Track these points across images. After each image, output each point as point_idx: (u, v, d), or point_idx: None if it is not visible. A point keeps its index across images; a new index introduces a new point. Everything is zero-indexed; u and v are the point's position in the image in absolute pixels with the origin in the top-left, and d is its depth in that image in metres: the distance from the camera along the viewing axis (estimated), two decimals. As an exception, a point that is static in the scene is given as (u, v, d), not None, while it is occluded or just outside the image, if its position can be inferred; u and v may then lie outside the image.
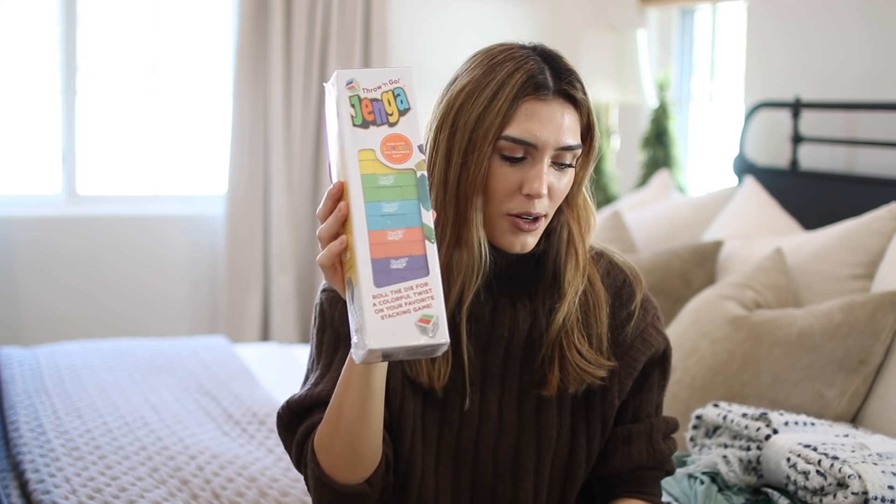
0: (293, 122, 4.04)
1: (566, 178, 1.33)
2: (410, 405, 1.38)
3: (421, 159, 1.16)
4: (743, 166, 3.29)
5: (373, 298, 1.11)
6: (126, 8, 4.15)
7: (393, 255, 1.13)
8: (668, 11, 4.18)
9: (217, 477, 1.97)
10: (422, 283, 1.13)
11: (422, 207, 1.15)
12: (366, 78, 1.16)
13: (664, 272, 2.71)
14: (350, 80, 1.16)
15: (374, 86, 1.16)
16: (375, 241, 1.13)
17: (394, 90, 1.16)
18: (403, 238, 1.14)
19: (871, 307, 2.13)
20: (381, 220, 1.14)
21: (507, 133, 1.29)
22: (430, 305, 1.13)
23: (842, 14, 3.12)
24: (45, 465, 1.95)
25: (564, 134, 1.31)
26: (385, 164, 1.14)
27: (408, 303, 1.12)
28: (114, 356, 2.79)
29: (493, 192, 1.31)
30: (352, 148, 1.14)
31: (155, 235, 4.11)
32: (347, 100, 1.15)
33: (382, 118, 1.16)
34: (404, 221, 1.14)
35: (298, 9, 3.99)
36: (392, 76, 1.17)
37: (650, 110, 3.97)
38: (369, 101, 1.16)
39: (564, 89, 1.32)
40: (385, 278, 1.12)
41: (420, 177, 1.15)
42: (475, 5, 4.34)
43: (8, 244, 3.89)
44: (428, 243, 1.14)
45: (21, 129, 4.09)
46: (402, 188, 1.15)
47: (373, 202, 1.14)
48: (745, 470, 1.82)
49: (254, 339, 4.07)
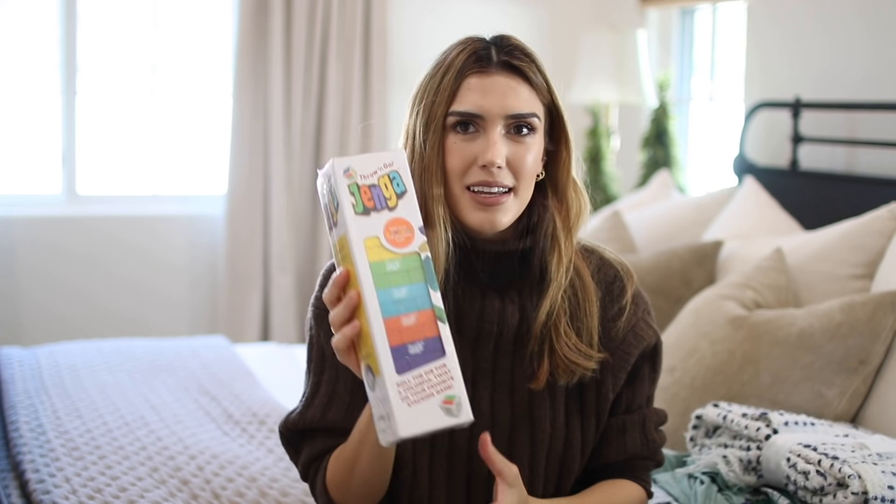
0: (293, 122, 4.04)
1: (526, 149, 1.35)
2: None
3: (423, 241, 1.18)
4: (743, 166, 3.29)
5: (397, 386, 1.14)
6: (126, 8, 4.15)
7: (409, 340, 1.16)
8: (668, 11, 4.18)
9: (217, 477, 1.97)
10: (440, 365, 1.16)
11: (430, 289, 1.17)
12: (361, 165, 1.17)
13: (664, 272, 2.71)
14: (347, 168, 1.17)
15: (370, 172, 1.17)
16: (391, 329, 1.15)
17: (389, 174, 1.18)
18: (417, 322, 1.16)
19: (871, 307, 2.14)
20: (394, 307, 1.16)
21: (454, 108, 1.33)
22: (451, 386, 1.16)
23: (842, 14, 3.12)
24: (45, 465, 1.95)
25: (511, 101, 1.33)
26: (390, 249, 1.16)
27: (430, 386, 1.16)
28: (114, 356, 2.79)
29: (451, 167, 1.34)
30: (357, 236, 1.15)
31: (155, 235, 4.11)
32: (347, 189, 1.16)
33: (382, 203, 1.17)
34: (415, 305, 1.16)
35: (298, 9, 3.99)
36: (386, 160, 1.18)
37: (650, 110, 3.97)
38: (367, 188, 1.17)
39: (505, 60, 1.35)
40: (405, 364, 1.15)
41: (425, 258, 1.18)
42: (475, 5, 4.34)
43: (8, 244, 3.89)
44: (440, 324, 1.17)
45: (21, 129, 4.09)
46: (410, 272, 1.17)
47: (383, 289, 1.15)
48: (745, 470, 1.82)
49: (254, 339, 4.07)
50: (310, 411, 1.42)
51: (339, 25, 4.05)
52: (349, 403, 1.40)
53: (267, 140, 4.06)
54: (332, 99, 4.05)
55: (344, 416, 1.40)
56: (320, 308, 1.43)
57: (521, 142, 1.35)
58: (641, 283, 1.52)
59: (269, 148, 4.05)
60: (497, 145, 1.32)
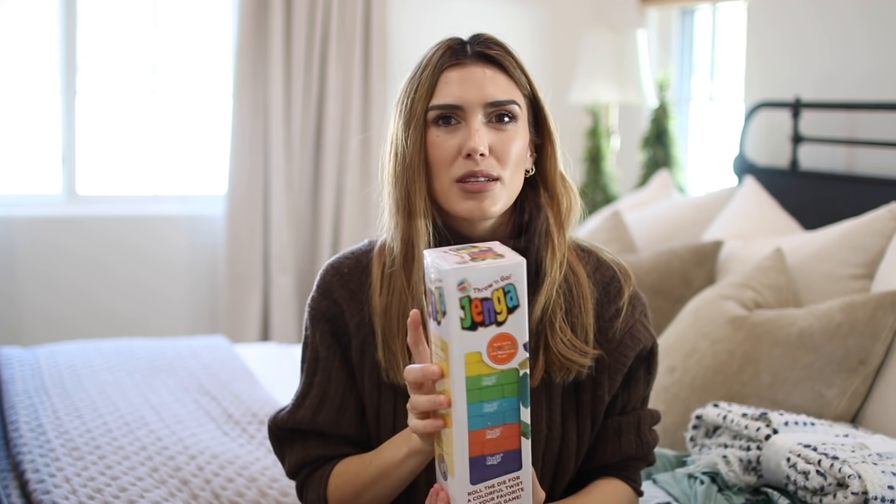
0: (293, 122, 4.04)
1: (509, 137, 1.35)
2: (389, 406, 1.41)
3: (525, 358, 1.16)
4: (743, 166, 3.29)
5: (468, 495, 1.16)
6: (126, 8, 4.15)
7: (489, 451, 1.16)
8: (668, 11, 4.18)
9: (217, 477, 1.97)
10: (514, 477, 1.17)
11: (521, 405, 1.16)
12: (478, 277, 1.13)
13: (664, 272, 2.71)
14: (461, 281, 1.13)
15: (485, 285, 1.14)
16: (474, 441, 1.15)
17: (504, 287, 1.14)
18: (501, 435, 1.16)
19: (871, 307, 2.14)
20: (482, 420, 1.15)
21: (433, 103, 1.35)
22: (519, 496, 1.18)
23: (842, 14, 3.12)
24: (45, 465, 1.95)
25: (488, 90, 1.34)
26: (490, 364, 1.15)
27: (499, 495, 1.17)
28: (114, 356, 2.79)
29: (436, 161, 1.35)
30: (459, 350, 1.14)
31: (155, 235, 4.11)
32: (458, 301, 1.13)
33: (491, 318, 1.14)
34: (503, 419, 1.16)
35: (298, 9, 3.99)
36: (504, 273, 1.14)
37: (650, 110, 3.97)
38: (479, 302, 1.14)
39: (479, 51, 1.37)
40: (480, 475, 1.16)
41: (522, 375, 1.16)
42: (475, 5, 4.34)
43: (8, 244, 3.89)
44: (523, 439, 1.17)
45: (21, 129, 4.09)
46: (504, 387, 1.16)
47: (475, 403, 1.15)
48: (745, 470, 1.82)
49: (254, 339, 4.07)
50: (300, 411, 1.43)
51: (339, 25, 4.05)
52: (339, 407, 1.41)
53: (267, 140, 4.06)
54: (332, 99, 4.05)
55: (334, 420, 1.41)
56: (316, 309, 1.44)
57: (503, 129, 1.35)
58: (641, 284, 1.52)
59: (269, 148, 4.05)
60: (479, 133, 1.33)
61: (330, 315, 1.43)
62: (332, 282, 1.44)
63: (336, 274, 1.45)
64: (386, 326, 1.38)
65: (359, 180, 4.10)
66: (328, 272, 1.46)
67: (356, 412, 1.43)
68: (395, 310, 1.37)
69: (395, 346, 1.37)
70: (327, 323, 1.44)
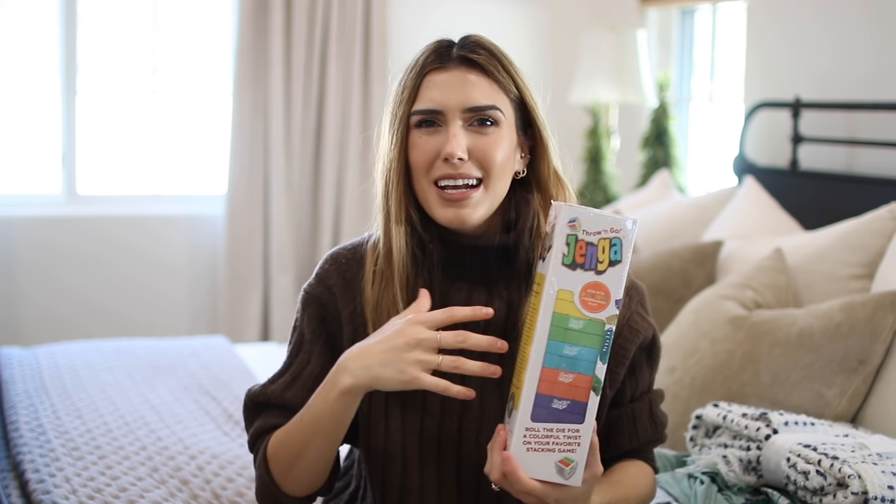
0: (293, 122, 4.04)
1: (491, 141, 1.35)
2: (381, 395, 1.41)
3: (614, 314, 1.18)
4: (743, 166, 3.29)
5: (525, 430, 1.18)
6: (126, 8, 4.15)
7: (558, 395, 1.18)
8: (668, 11, 4.18)
9: (217, 477, 1.97)
10: (574, 429, 1.19)
11: (599, 360, 1.18)
12: (590, 221, 1.17)
13: (664, 272, 2.71)
14: (573, 219, 1.16)
15: (594, 230, 1.17)
16: (545, 378, 1.17)
17: (612, 239, 1.17)
18: (572, 382, 1.18)
19: (871, 307, 2.14)
20: (558, 360, 1.18)
21: (415, 108, 1.36)
22: (574, 451, 1.19)
23: (842, 14, 3.12)
24: (45, 465, 1.95)
25: (468, 95, 1.34)
26: (580, 309, 1.17)
27: (555, 443, 1.19)
28: (114, 356, 2.79)
29: (417, 162, 1.36)
30: (554, 284, 1.17)
31: (155, 235, 4.11)
32: (565, 237, 1.16)
33: (591, 264, 1.17)
34: (579, 367, 1.18)
35: (298, 9, 3.99)
36: (615, 225, 1.17)
37: (650, 110, 3.97)
38: (585, 244, 1.17)
39: (462, 54, 1.36)
40: (543, 414, 1.18)
41: (608, 330, 1.18)
42: (475, 5, 4.34)
43: (8, 244, 3.89)
44: (592, 394, 1.19)
45: (21, 129, 4.09)
46: (588, 336, 1.18)
47: (556, 341, 1.17)
48: (745, 470, 1.82)
49: (254, 339, 4.07)
50: (272, 386, 1.45)
51: (339, 25, 4.05)
52: (311, 388, 1.42)
53: (267, 140, 4.06)
54: (332, 99, 4.05)
55: (301, 399, 1.42)
56: (310, 294, 1.47)
57: (485, 133, 1.35)
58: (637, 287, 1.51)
59: (269, 148, 4.05)
60: (457, 137, 1.33)
61: (322, 301, 1.45)
62: (329, 270, 1.47)
63: (334, 263, 1.47)
64: (377, 319, 1.39)
65: (359, 180, 4.10)
66: (327, 261, 1.48)
67: None
68: (385, 304, 1.39)
69: None
70: (318, 308, 1.46)
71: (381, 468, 1.43)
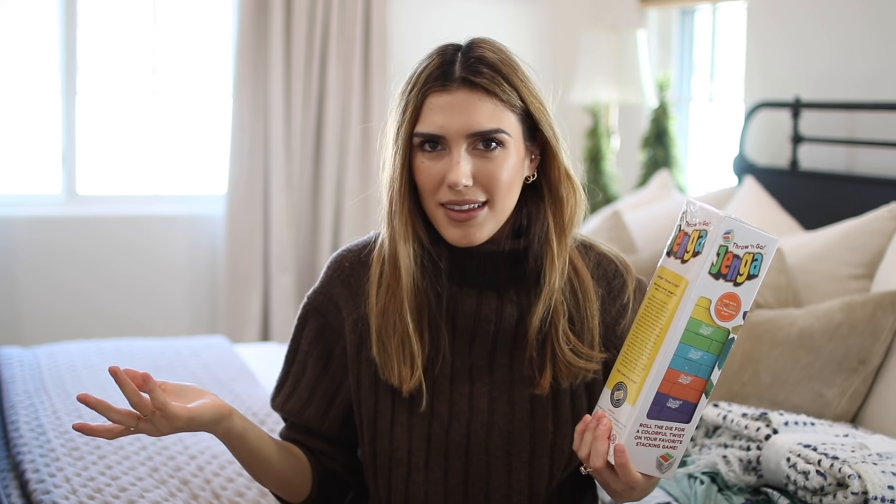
0: (293, 122, 4.04)
1: (496, 163, 1.32)
2: (386, 403, 1.41)
3: (740, 324, 1.23)
4: (743, 166, 3.29)
5: (639, 425, 1.23)
6: (126, 8, 4.15)
7: (674, 394, 1.23)
8: (668, 11, 4.18)
9: (217, 477, 1.97)
10: (680, 427, 1.24)
11: (717, 365, 1.23)
12: (743, 235, 1.20)
13: (664, 272, 2.71)
14: (729, 231, 1.20)
15: (744, 244, 1.21)
16: (668, 378, 1.22)
17: (755, 255, 1.21)
18: (690, 384, 1.23)
19: (871, 307, 2.14)
20: (683, 363, 1.22)
21: (417, 129, 1.33)
22: (676, 447, 1.24)
23: (842, 14, 3.12)
24: (46, 465, 1.95)
25: (472, 120, 1.31)
26: (713, 317, 1.21)
27: (661, 439, 1.24)
28: (114, 356, 2.79)
29: (422, 186, 1.34)
30: (697, 290, 1.21)
31: (155, 235, 4.11)
32: (717, 248, 1.20)
33: (732, 276, 1.21)
34: (698, 371, 1.22)
35: (298, 9, 3.99)
36: (762, 241, 1.21)
37: (650, 110, 3.97)
38: (732, 256, 1.21)
39: (466, 76, 1.32)
40: (657, 412, 1.23)
41: (730, 339, 1.23)
42: (475, 5, 4.34)
43: (8, 244, 3.89)
44: (703, 397, 1.24)
45: (21, 129, 4.09)
46: (714, 342, 1.22)
47: (685, 344, 1.21)
48: (745, 470, 1.82)
49: (254, 339, 4.07)
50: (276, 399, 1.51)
51: (339, 25, 4.05)
52: (306, 399, 1.47)
53: (267, 140, 4.06)
54: (332, 99, 4.05)
55: (298, 411, 1.47)
56: (311, 304, 1.48)
57: (489, 157, 1.32)
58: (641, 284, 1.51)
59: (269, 148, 4.05)
60: (459, 166, 1.30)
61: (323, 312, 1.46)
62: (332, 278, 1.46)
63: (338, 269, 1.47)
64: (382, 326, 1.38)
65: (359, 180, 4.10)
66: (331, 267, 1.48)
67: (322, 407, 1.47)
68: (391, 312, 1.38)
69: (389, 347, 1.38)
70: (318, 319, 1.46)
71: (385, 473, 1.42)
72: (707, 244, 1.20)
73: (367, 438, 1.44)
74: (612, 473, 1.25)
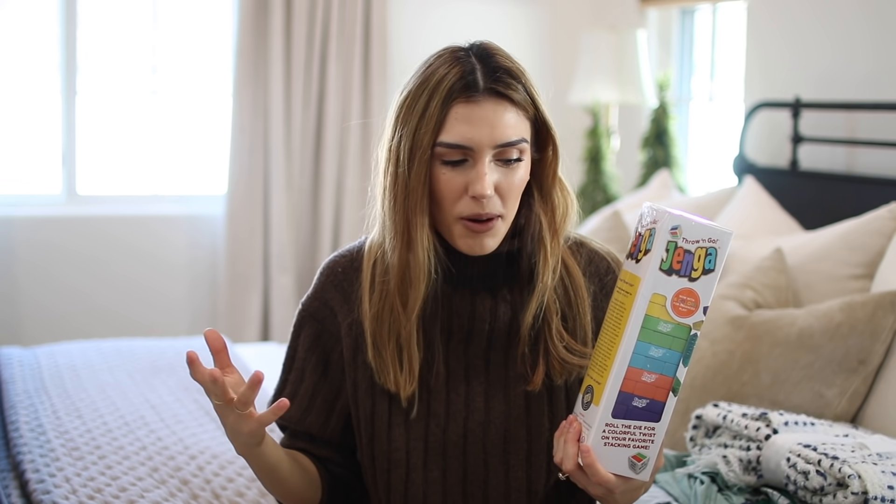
0: (293, 122, 4.04)
1: (516, 173, 1.33)
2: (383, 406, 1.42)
3: (701, 321, 1.23)
4: (743, 166, 3.29)
5: (605, 426, 1.23)
6: (126, 8, 4.15)
7: (639, 393, 1.22)
8: (668, 11, 4.18)
9: (217, 477, 1.97)
10: (650, 427, 1.24)
11: (682, 363, 1.23)
12: (691, 230, 1.20)
13: (664, 272, 2.71)
14: (675, 227, 1.20)
15: (694, 238, 1.21)
16: (630, 377, 1.22)
17: (708, 249, 1.21)
18: (654, 383, 1.22)
19: (871, 307, 2.14)
20: (643, 361, 1.22)
21: (442, 139, 1.30)
22: (648, 447, 1.24)
23: (842, 14, 3.12)
24: (46, 465, 1.95)
25: (499, 131, 1.30)
26: (670, 313, 1.21)
27: (631, 439, 1.23)
28: (114, 356, 2.79)
29: (441, 197, 1.33)
30: (649, 287, 1.21)
31: (155, 235, 4.11)
32: (665, 243, 1.20)
33: (686, 271, 1.21)
34: (662, 368, 1.22)
35: (298, 9, 3.99)
36: (713, 235, 1.21)
37: (650, 110, 3.97)
38: (683, 252, 1.21)
39: (493, 87, 1.31)
40: (623, 412, 1.22)
41: (693, 335, 1.23)
42: (475, 5, 4.34)
43: (8, 244, 3.89)
44: (671, 395, 1.23)
45: (21, 129, 4.09)
46: (675, 339, 1.22)
47: (644, 342, 1.21)
48: (745, 470, 1.82)
49: (254, 339, 4.07)
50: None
51: (339, 25, 4.05)
52: (306, 407, 1.46)
53: (267, 140, 4.06)
54: (332, 99, 4.05)
55: (299, 418, 1.47)
56: (306, 310, 1.48)
57: (512, 168, 1.33)
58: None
59: (269, 148, 4.05)
60: (486, 177, 1.30)
61: (319, 317, 1.46)
62: (326, 283, 1.47)
63: (331, 275, 1.47)
64: (377, 332, 1.39)
65: (359, 180, 4.10)
66: (324, 273, 1.48)
67: (323, 413, 1.47)
68: (386, 318, 1.38)
69: (385, 353, 1.38)
70: (314, 325, 1.46)
71: (384, 475, 1.42)
72: (656, 241, 1.21)
73: (364, 440, 1.44)
74: (584, 476, 1.25)
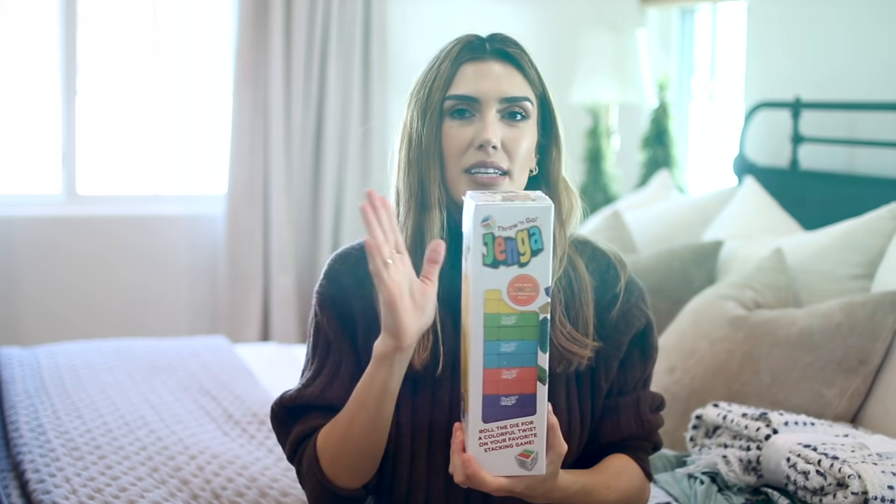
0: (293, 122, 4.04)
1: (521, 133, 1.40)
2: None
3: (546, 302, 1.17)
4: (743, 166, 3.29)
5: (479, 432, 1.18)
6: (126, 8, 4.15)
7: (504, 392, 1.18)
8: (668, 11, 4.18)
9: (217, 477, 1.97)
10: (527, 422, 1.19)
11: (539, 350, 1.17)
12: (503, 216, 1.15)
13: (664, 272, 2.71)
14: (486, 218, 1.15)
15: (509, 224, 1.15)
16: (489, 379, 1.17)
17: (529, 229, 1.16)
18: (517, 377, 1.18)
19: (871, 307, 2.14)
20: (498, 359, 1.17)
21: (450, 93, 1.39)
22: (532, 442, 1.19)
23: (842, 14, 3.12)
24: (46, 465, 1.95)
25: (504, 85, 1.40)
26: (509, 304, 1.16)
27: (511, 438, 1.19)
28: (114, 356, 2.79)
29: (449, 150, 1.39)
30: (478, 287, 1.16)
31: (155, 235, 4.11)
32: (481, 237, 1.15)
33: (514, 258, 1.16)
34: (520, 361, 1.17)
35: (298, 9, 3.99)
36: (530, 215, 1.15)
37: (650, 110, 3.97)
38: (503, 240, 1.16)
39: (498, 48, 1.42)
40: (493, 414, 1.18)
41: (542, 319, 1.17)
42: (475, 5, 4.34)
43: (8, 244, 3.89)
44: (539, 384, 1.18)
45: (21, 129, 4.09)
46: (523, 329, 1.17)
47: (492, 341, 1.17)
48: (745, 470, 1.82)
49: (254, 339, 4.07)
50: (308, 390, 1.43)
51: (339, 25, 4.05)
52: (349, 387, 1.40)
53: (267, 140, 4.06)
54: (332, 99, 4.05)
55: (342, 397, 1.41)
56: (324, 295, 1.47)
57: (516, 126, 1.40)
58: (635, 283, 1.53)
59: (269, 148, 4.05)
60: (493, 125, 1.37)
61: (337, 301, 1.46)
62: (339, 269, 1.48)
63: (343, 262, 1.48)
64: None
65: (359, 180, 4.10)
66: (335, 260, 1.49)
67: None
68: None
69: None
70: (334, 308, 1.46)
71: (389, 460, 1.43)
72: (473, 237, 1.16)
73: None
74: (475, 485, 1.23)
